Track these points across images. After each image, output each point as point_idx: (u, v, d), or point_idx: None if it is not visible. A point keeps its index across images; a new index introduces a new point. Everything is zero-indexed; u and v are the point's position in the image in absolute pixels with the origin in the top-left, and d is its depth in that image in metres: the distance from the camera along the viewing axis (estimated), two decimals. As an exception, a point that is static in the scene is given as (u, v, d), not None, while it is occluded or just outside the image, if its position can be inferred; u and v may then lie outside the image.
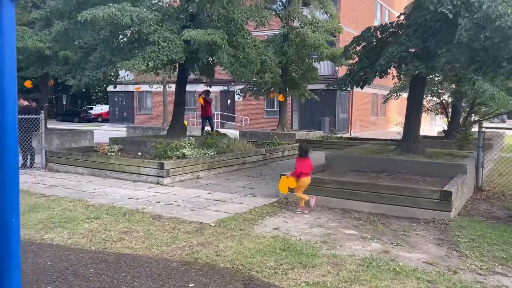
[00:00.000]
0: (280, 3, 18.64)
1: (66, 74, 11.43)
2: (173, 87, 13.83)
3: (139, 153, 11.63)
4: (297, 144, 14.36)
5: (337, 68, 24.47)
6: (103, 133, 26.20)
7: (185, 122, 28.30)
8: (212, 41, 9.46)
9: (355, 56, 9.73)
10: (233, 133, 25.60)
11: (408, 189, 6.47)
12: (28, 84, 15.72)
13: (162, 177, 8.88)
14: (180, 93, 12.77)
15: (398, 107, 36.40)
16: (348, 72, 9.11)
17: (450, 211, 6.19)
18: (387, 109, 33.84)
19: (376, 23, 30.30)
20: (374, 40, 9.00)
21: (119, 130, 27.96)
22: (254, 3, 14.06)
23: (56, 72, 12.48)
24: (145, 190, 8.22)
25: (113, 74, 9.88)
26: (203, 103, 14.78)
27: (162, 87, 23.93)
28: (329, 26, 17.18)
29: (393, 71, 9.01)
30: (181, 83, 12.74)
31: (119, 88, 34.52)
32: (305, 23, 17.21)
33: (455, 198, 6.43)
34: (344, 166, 8.93)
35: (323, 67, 22.68)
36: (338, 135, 17.94)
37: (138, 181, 9.19)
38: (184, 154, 10.54)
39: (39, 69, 15.17)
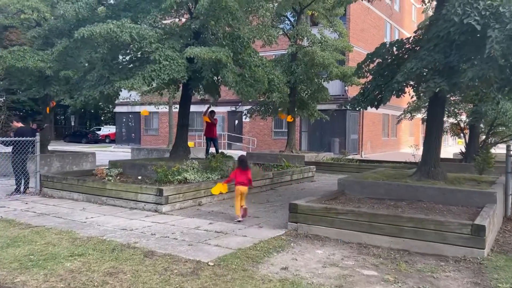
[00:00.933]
0: (288, 22, 18.23)
1: (63, 94, 10.91)
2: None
3: (139, 177, 11.00)
4: (307, 167, 13.64)
5: (346, 88, 23.90)
6: (108, 155, 25.72)
7: (191, 143, 27.82)
8: (217, 59, 8.91)
9: (368, 74, 9.10)
10: (240, 154, 25.00)
11: (434, 222, 5.70)
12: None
13: (161, 204, 8.20)
14: (184, 114, 12.19)
15: (409, 127, 35.60)
16: (362, 91, 8.46)
17: (483, 248, 5.40)
18: (399, 129, 33.05)
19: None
20: (389, 57, 8.37)
21: (125, 152, 27.49)
22: (261, 22, 13.60)
23: (55, 92, 12.02)
24: (141, 220, 7.54)
25: (111, 93, 9.33)
26: (208, 121, 14.10)
27: (168, 107, 23.48)
28: (338, 44, 16.65)
29: (409, 89, 8.35)
30: (184, 103, 12.18)
31: (125, 108, 34.32)
32: (314, 42, 16.71)
33: (488, 233, 5.64)
34: (359, 193, 8.18)
35: (332, 87, 22.12)
36: (349, 157, 17.18)
37: (135, 208, 8.52)
38: (186, 178, 9.89)
39: (41, 90, 14.78)
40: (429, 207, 7.25)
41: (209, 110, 13.89)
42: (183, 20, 11.88)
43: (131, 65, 10.39)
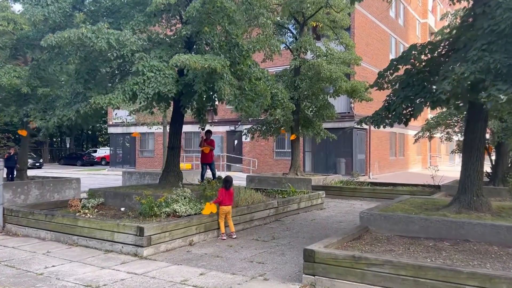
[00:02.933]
0: (290, 34, 16.92)
1: (37, 114, 9.43)
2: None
3: (122, 209, 9.43)
4: (315, 192, 12.07)
5: (352, 105, 22.50)
6: (99, 179, 24.15)
7: (188, 165, 26.18)
8: (211, 68, 7.46)
9: (388, 85, 7.63)
10: (240, 176, 23.33)
11: (508, 281, 4.13)
12: (22, 132, 13.78)
13: (141, 246, 6.61)
14: (175, 134, 10.71)
15: (417, 146, 34.09)
16: (386, 104, 6.97)
17: None
18: (406, 148, 31.54)
19: (391, 57, 28.64)
20: (419, 63, 6.92)
21: (118, 175, 25.88)
22: (262, 31, 12.25)
23: (27, 112, 10.55)
24: (114, 269, 5.94)
25: (88, 112, 7.84)
26: (207, 151, 12.38)
27: (162, 128, 22.02)
28: (346, 57, 15.27)
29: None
30: (176, 122, 10.70)
31: (120, 130, 32.88)
32: (319, 55, 15.34)
33: None
34: (387, 230, 6.60)
35: (338, 104, 20.66)
36: (360, 180, 15.59)
37: (111, 251, 6.92)
38: (175, 211, 8.33)
39: (19, 110, 13.31)
40: (481, 250, 5.67)
41: (205, 130, 12.37)
42: (175, 30, 10.51)
43: (113, 77, 8.95)
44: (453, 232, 6.17)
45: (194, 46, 9.81)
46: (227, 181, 7.98)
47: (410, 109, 6.61)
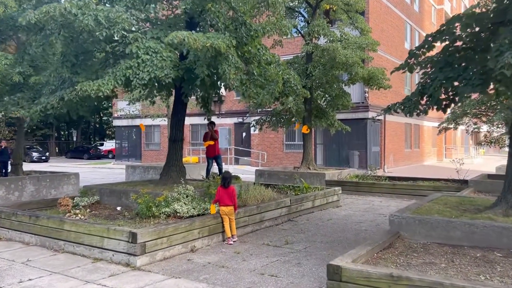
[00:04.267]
0: (302, 18, 15.80)
1: (24, 103, 8.52)
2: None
3: (119, 209, 8.53)
4: (331, 188, 11.05)
5: (367, 94, 21.35)
6: (103, 173, 23.38)
7: (195, 159, 25.22)
8: (213, 48, 6.45)
9: (417, 68, 6.55)
10: (248, 170, 22.35)
11: None
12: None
13: (134, 255, 5.68)
14: (177, 125, 9.75)
15: (432, 138, 32.84)
16: (421, 88, 5.90)
17: None
18: (421, 140, 30.29)
19: (407, 45, 27.32)
20: (458, 39, 5.84)
21: (124, 169, 25.10)
22: (272, 12, 11.16)
23: (16, 101, 9.64)
24: (100, 284, 5.02)
25: (73, 99, 6.88)
26: (212, 143, 11.34)
27: (167, 120, 21.08)
28: (362, 42, 14.12)
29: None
30: (178, 112, 9.75)
31: (125, 122, 32.06)
32: (333, 40, 14.22)
33: None
34: (422, 236, 5.59)
35: (351, 94, 19.50)
36: (378, 174, 14.51)
37: (101, 259, 6.01)
38: (176, 211, 7.40)
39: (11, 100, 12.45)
40: (543, 264, 4.64)
41: (209, 122, 11.38)
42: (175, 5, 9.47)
43: (106, 63, 7.99)
44: (504, 240, 5.15)
45: (197, 29, 8.82)
46: (225, 178, 7.14)
47: (451, 93, 5.55)
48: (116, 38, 6.97)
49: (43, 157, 37.03)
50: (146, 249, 5.78)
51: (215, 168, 11.83)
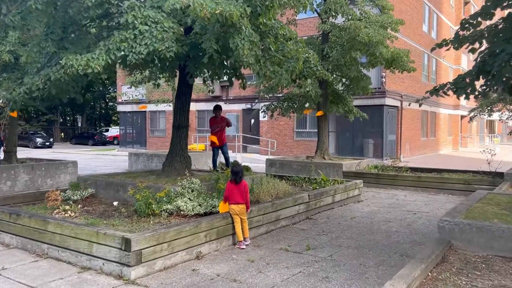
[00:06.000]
0: (317, -5, 14.53)
1: (8, 84, 7.50)
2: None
3: (115, 203, 7.56)
4: (352, 182, 9.99)
5: (384, 79, 20.10)
6: (107, 160, 22.48)
7: (201, 146, 24.20)
8: (224, 16, 5.35)
9: (469, 43, 5.41)
10: (257, 159, 21.32)
11: None
12: (13, 114, 11.95)
13: (128, 265, 4.68)
14: (182, 110, 8.71)
15: (448, 126, 31.54)
16: (479, 66, 4.78)
17: None
18: (437, 128, 29.01)
19: (425, 28, 25.89)
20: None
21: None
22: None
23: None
24: (83, 305, 4.04)
25: (61, 78, 5.85)
26: (214, 139, 10.15)
27: (171, 105, 20.02)
28: (385, 20, 12.89)
29: None
30: (182, 95, 8.69)
31: (130, 107, 31.07)
32: (352, 19, 12.99)
33: None
34: (481, 247, 4.53)
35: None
36: (400, 164, 13.38)
37: (89, 268, 5.03)
38: (179, 208, 6.42)
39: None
40: None
41: (214, 106, 10.29)
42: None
43: (99, 34, 6.92)
44: None
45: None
46: (236, 173, 6.12)
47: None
48: (108, 6, 5.88)
49: (47, 143, 36.34)
50: (143, 257, 4.78)
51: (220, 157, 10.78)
